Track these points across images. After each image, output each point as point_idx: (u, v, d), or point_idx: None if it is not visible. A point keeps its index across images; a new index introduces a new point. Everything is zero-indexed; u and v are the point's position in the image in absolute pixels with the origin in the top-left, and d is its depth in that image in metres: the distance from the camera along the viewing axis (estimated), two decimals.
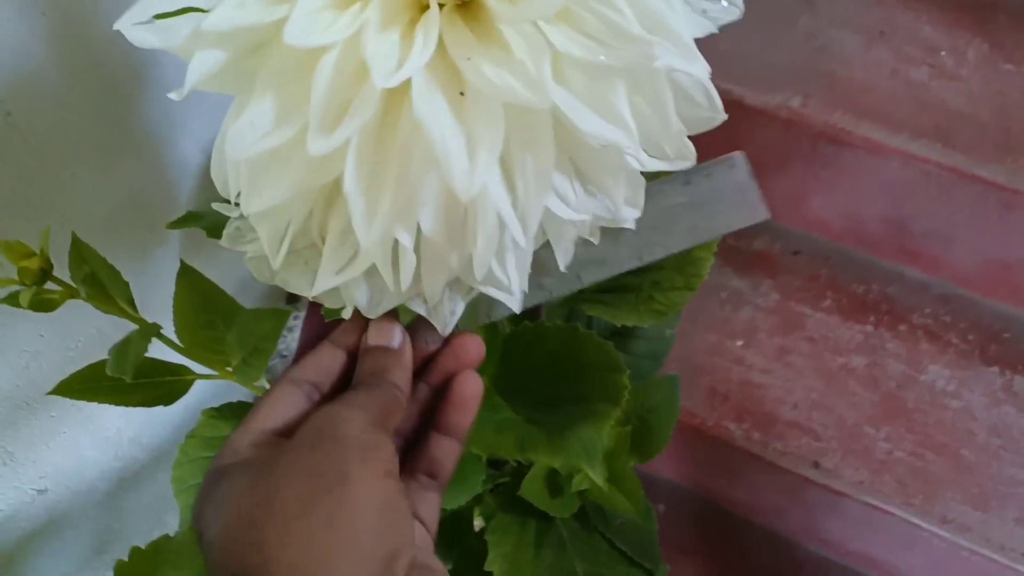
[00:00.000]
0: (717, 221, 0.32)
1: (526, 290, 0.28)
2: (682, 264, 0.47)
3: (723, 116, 0.28)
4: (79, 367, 0.46)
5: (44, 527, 0.51)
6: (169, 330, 0.42)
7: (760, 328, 0.81)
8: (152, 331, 0.36)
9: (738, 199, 0.32)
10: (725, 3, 0.28)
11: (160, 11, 0.21)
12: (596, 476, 0.31)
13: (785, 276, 0.84)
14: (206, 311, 0.46)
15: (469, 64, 0.22)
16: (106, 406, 0.42)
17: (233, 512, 0.24)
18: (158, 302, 0.45)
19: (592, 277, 0.32)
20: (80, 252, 0.35)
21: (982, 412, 0.75)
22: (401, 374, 0.29)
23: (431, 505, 0.30)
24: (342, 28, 0.22)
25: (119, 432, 0.54)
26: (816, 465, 0.75)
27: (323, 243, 0.27)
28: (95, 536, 0.55)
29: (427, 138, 0.22)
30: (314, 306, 0.51)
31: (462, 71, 0.23)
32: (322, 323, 0.33)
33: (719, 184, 0.32)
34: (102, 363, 0.40)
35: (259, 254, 0.27)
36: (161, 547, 0.45)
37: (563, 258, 0.29)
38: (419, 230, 0.25)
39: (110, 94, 0.43)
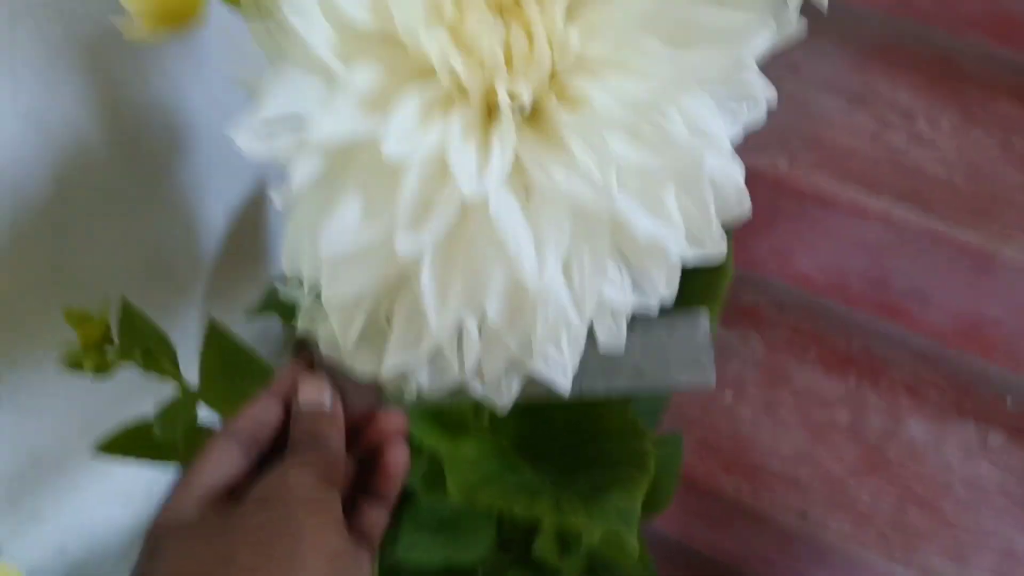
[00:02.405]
0: (665, 373, 0.32)
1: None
2: None
3: (749, 211, 0.31)
4: (102, 424, 0.46)
5: None
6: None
7: (748, 380, 0.84)
8: (198, 397, 0.37)
9: (691, 359, 0.32)
10: (747, 106, 0.30)
11: (267, 121, 0.23)
12: (633, 542, 0.33)
13: (771, 329, 0.87)
14: (232, 371, 0.47)
15: (540, 171, 0.25)
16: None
17: (185, 574, 0.25)
18: (181, 357, 0.46)
19: (529, 392, 0.31)
20: (132, 319, 0.36)
21: (959, 466, 0.79)
22: (336, 434, 0.30)
23: (366, 566, 0.31)
24: (430, 139, 0.24)
25: (132, 486, 0.54)
26: (803, 516, 0.77)
27: (389, 326, 0.28)
28: None
29: (500, 237, 0.24)
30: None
31: (532, 176, 0.25)
32: None
33: (677, 339, 0.32)
34: (138, 423, 0.42)
35: (330, 336, 0.29)
36: None
37: (603, 336, 0.31)
38: (483, 316, 0.27)
39: (147, 158, 0.44)
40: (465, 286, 0.26)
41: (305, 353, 0.32)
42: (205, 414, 0.43)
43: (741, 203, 0.30)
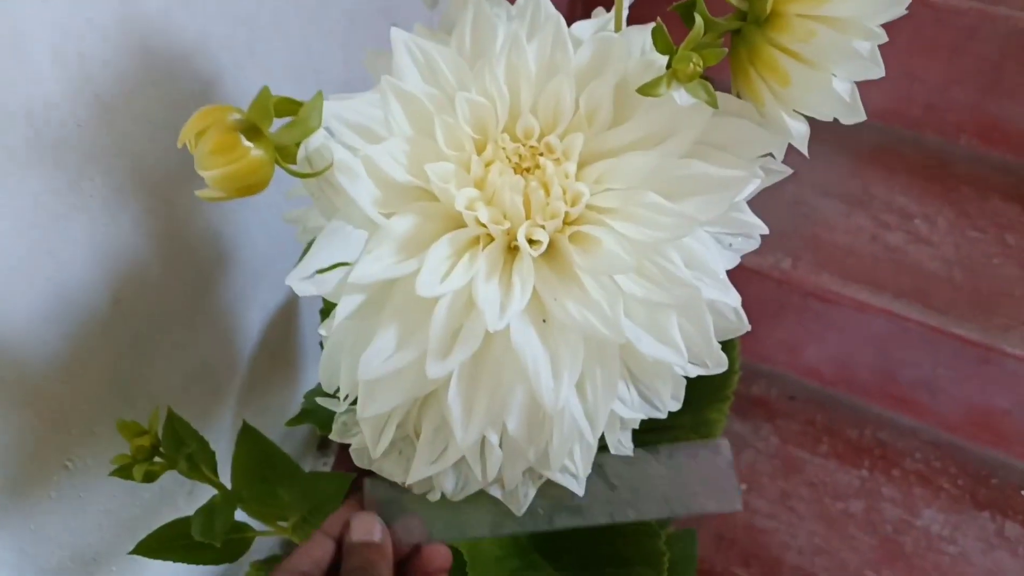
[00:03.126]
0: (691, 500, 0.34)
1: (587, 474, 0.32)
2: (697, 425, 0.52)
3: (748, 327, 0.34)
4: (143, 523, 0.49)
5: None
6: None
7: (762, 472, 0.85)
8: (235, 500, 0.39)
9: (715, 485, 0.34)
10: (743, 239, 0.34)
11: (318, 267, 0.27)
12: None
13: (783, 420, 0.89)
14: (263, 468, 0.50)
15: (556, 303, 0.28)
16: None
17: None
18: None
19: (564, 523, 0.34)
20: (177, 429, 0.39)
21: (977, 557, 0.79)
22: (385, 567, 0.32)
23: None
24: (458, 278, 0.27)
25: None
26: None
27: (417, 437, 0.31)
28: None
29: (520, 361, 0.27)
30: (342, 455, 0.56)
31: (549, 308, 0.28)
32: (348, 468, 0.36)
33: (701, 466, 0.34)
34: (175, 523, 0.44)
35: (361, 445, 0.32)
36: None
37: (614, 447, 0.33)
38: (504, 430, 0.29)
39: (196, 276, 0.48)
40: (488, 403, 0.29)
41: (356, 494, 0.35)
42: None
43: (740, 322, 0.33)
